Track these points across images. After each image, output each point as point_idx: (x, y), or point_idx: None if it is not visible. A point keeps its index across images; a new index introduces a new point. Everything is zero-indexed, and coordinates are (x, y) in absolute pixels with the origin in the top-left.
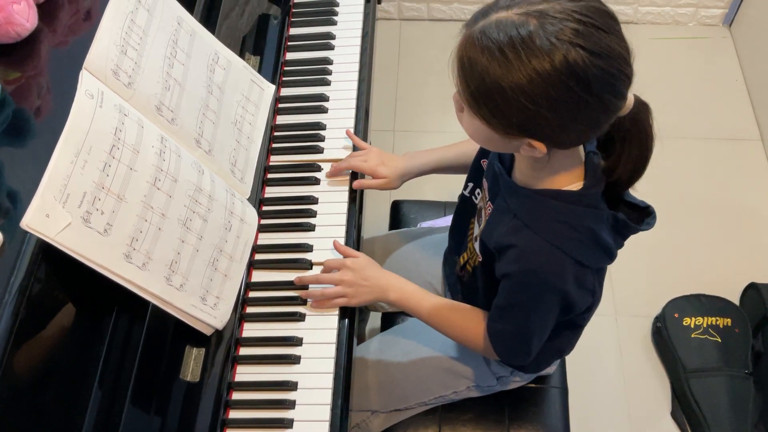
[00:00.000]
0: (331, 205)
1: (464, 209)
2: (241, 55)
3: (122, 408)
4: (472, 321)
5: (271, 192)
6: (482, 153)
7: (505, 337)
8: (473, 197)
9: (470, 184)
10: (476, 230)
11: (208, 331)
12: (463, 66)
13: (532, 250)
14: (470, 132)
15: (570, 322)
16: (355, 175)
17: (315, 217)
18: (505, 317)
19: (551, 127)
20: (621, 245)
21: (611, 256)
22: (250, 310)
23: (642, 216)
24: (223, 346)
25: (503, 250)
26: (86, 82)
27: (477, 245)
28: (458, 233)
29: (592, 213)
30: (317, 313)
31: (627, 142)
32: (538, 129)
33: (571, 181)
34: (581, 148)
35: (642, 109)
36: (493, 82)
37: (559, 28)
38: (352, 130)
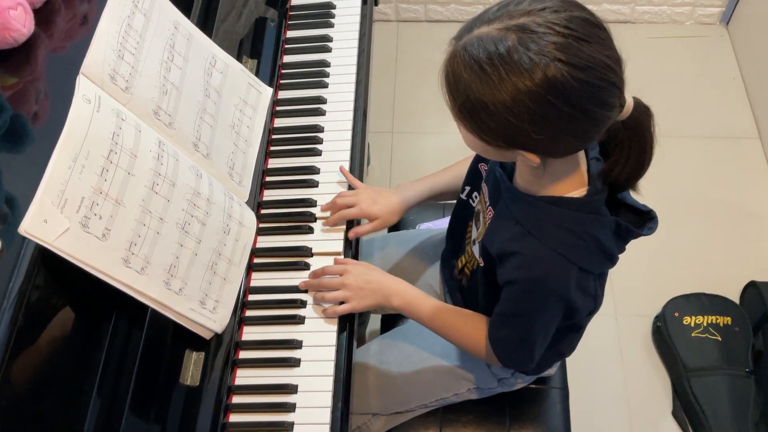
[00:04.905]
0: None
1: (462, 212)
2: (239, 58)
3: (122, 413)
4: (475, 327)
5: (269, 195)
6: (479, 157)
7: (509, 344)
8: (471, 201)
9: (467, 188)
10: (474, 233)
11: (207, 335)
12: (449, 82)
13: (536, 257)
14: (466, 142)
15: (571, 325)
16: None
17: (314, 220)
18: (508, 324)
19: (539, 140)
20: (623, 249)
21: (613, 261)
22: (249, 313)
23: (644, 220)
24: (223, 349)
25: (506, 257)
26: (83, 86)
27: (476, 249)
28: (456, 236)
29: (595, 219)
30: (317, 316)
31: (626, 146)
32: (526, 142)
33: (574, 187)
34: (582, 152)
35: (643, 112)
36: (477, 98)
37: (538, 42)
38: (349, 132)
